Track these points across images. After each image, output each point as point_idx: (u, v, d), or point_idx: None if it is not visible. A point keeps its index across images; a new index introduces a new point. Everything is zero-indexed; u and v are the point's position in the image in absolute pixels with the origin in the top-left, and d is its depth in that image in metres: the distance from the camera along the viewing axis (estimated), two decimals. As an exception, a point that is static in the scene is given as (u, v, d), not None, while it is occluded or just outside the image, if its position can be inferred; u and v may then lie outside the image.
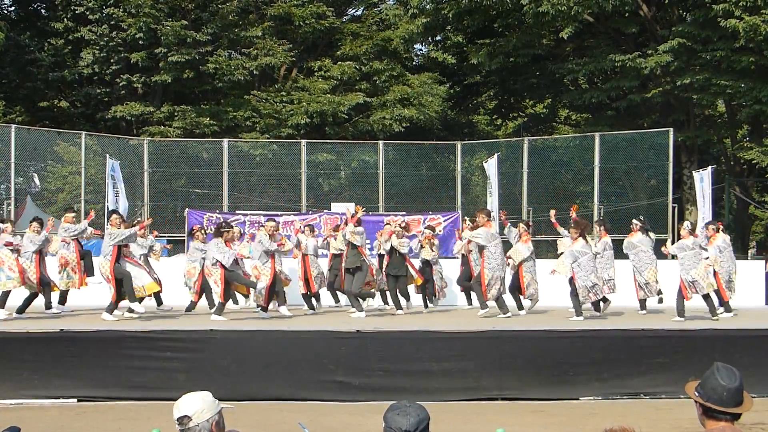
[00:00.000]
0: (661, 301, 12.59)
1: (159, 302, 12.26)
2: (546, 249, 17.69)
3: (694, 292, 11.23)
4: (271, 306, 11.54)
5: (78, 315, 11.46)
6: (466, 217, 14.38)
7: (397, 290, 12.28)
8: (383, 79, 23.75)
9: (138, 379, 9.29)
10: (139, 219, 12.57)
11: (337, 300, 13.56)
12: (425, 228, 14.17)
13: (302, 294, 12.84)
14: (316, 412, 8.70)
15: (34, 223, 11.45)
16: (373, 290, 12.37)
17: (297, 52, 24.24)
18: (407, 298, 12.67)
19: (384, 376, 9.44)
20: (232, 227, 12.15)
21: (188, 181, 20.09)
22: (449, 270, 13.78)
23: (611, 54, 21.84)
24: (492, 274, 11.42)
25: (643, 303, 12.53)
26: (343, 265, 11.88)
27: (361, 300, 11.96)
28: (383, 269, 12.40)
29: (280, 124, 22.36)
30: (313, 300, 12.88)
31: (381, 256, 12.79)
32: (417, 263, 12.90)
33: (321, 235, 14.53)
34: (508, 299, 11.91)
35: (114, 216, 11.04)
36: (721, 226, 12.84)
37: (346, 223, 12.07)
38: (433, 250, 13.04)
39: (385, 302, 12.90)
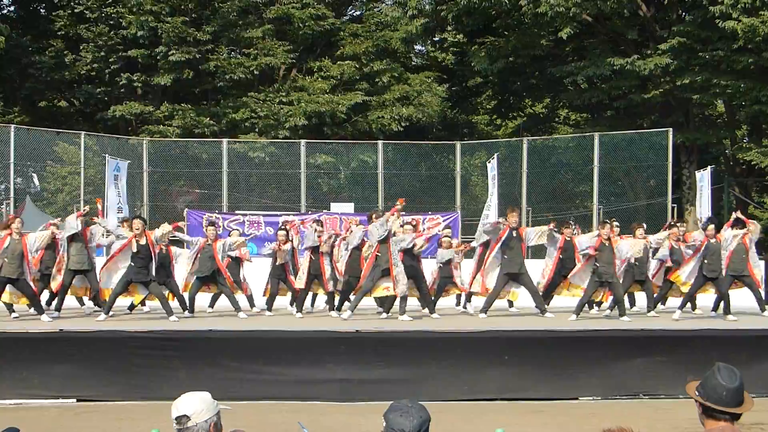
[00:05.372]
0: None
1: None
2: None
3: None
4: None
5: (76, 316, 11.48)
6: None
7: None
8: (384, 79, 23.71)
9: (138, 379, 9.30)
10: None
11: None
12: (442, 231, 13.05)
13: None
14: (316, 412, 8.70)
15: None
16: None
17: (297, 54, 24.22)
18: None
19: (384, 376, 9.44)
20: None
21: (187, 181, 20.07)
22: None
23: (610, 57, 21.76)
24: None
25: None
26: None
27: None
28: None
29: (278, 125, 22.34)
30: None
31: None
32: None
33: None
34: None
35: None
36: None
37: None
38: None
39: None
